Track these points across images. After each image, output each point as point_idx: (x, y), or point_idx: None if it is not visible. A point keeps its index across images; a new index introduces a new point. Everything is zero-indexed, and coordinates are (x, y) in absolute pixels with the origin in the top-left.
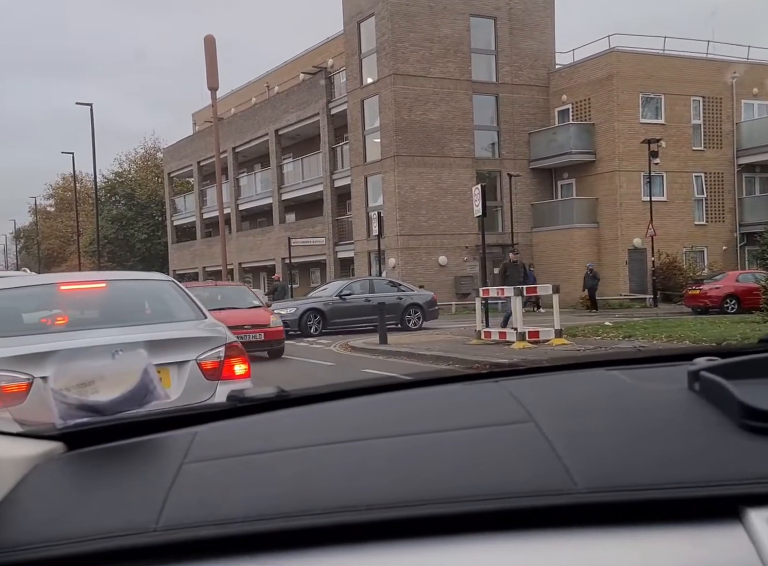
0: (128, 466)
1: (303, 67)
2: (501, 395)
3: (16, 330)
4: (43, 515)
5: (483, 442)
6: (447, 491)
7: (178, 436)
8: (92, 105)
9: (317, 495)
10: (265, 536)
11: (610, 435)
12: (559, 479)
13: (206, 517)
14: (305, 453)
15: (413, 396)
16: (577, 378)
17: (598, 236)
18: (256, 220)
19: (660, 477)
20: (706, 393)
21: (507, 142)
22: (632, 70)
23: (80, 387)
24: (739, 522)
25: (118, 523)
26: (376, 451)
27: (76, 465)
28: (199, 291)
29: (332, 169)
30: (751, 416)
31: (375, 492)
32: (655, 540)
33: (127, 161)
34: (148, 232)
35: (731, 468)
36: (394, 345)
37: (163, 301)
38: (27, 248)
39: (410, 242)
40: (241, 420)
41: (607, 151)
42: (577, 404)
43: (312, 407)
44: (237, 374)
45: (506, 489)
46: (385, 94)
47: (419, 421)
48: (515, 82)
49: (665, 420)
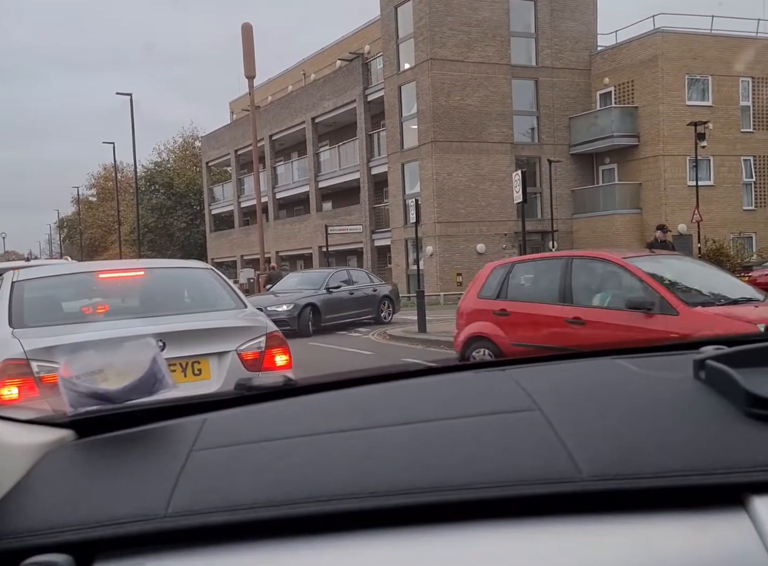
0: (138, 453)
1: (339, 54)
2: (507, 383)
3: (55, 320)
4: (54, 501)
5: (489, 430)
6: (453, 478)
7: (187, 424)
8: (132, 95)
9: (325, 482)
10: (273, 522)
11: (615, 423)
12: (564, 467)
13: (215, 503)
14: (313, 440)
15: (419, 384)
16: (583, 367)
17: (640, 222)
18: (293, 208)
19: (665, 465)
20: (712, 381)
21: (546, 127)
22: (678, 51)
23: (90, 376)
24: (743, 509)
25: (128, 509)
26: (382, 439)
27: (86, 452)
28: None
29: (369, 157)
30: (757, 404)
31: (382, 480)
32: (659, 528)
33: (166, 151)
34: (186, 221)
35: (736, 456)
36: (434, 334)
37: (202, 290)
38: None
39: (448, 229)
40: (249, 408)
41: (651, 134)
42: (582, 392)
43: (319, 395)
44: (278, 365)
45: (511, 477)
46: (422, 79)
47: (425, 409)
48: (555, 65)
49: (670, 409)
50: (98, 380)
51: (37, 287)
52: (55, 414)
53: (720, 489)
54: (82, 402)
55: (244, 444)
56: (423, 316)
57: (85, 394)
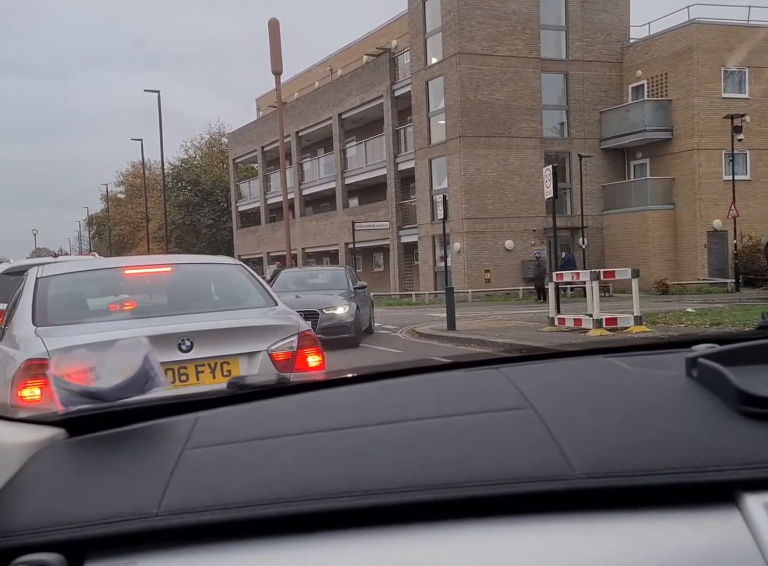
0: (130, 452)
1: (366, 49)
2: (500, 382)
3: (80, 318)
4: (45, 500)
5: (481, 428)
6: (445, 477)
7: (179, 422)
8: (159, 92)
9: (317, 480)
10: (265, 521)
11: (607, 421)
12: (557, 464)
13: (208, 502)
14: (305, 439)
15: (412, 383)
16: (575, 365)
17: (674, 218)
18: (319, 204)
19: (657, 463)
20: (704, 379)
21: (577, 122)
22: (714, 43)
23: (81, 374)
24: (735, 507)
25: (120, 508)
26: (375, 437)
27: (78, 450)
28: None
29: (396, 152)
30: (749, 402)
31: (374, 478)
32: (652, 525)
33: (193, 147)
34: (213, 218)
35: (728, 453)
36: (464, 332)
37: (231, 286)
38: (99, 234)
39: (476, 226)
40: (241, 406)
41: (685, 128)
42: (575, 390)
43: (312, 394)
44: (310, 366)
45: (504, 475)
46: (450, 74)
47: (418, 407)
48: (586, 58)
49: (663, 407)
50: (90, 378)
51: (61, 283)
52: (47, 413)
53: (712, 487)
54: (74, 400)
55: (236, 443)
56: (452, 314)
57: (76, 392)
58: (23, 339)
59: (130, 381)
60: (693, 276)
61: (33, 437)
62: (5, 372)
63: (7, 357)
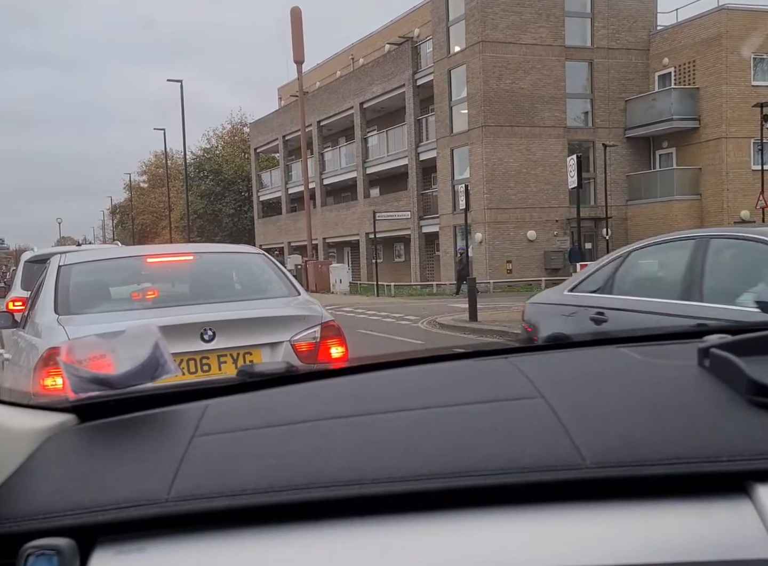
0: (140, 438)
1: (388, 38)
2: (510, 371)
3: (102, 306)
4: (56, 486)
5: (491, 417)
6: (454, 465)
7: (189, 410)
8: (182, 81)
9: (326, 468)
10: (274, 508)
11: (618, 410)
12: (568, 454)
13: (217, 489)
14: (314, 426)
15: (422, 371)
16: (586, 355)
17: (700, 209)
18: (340, 194)
19: (668, 453)
20: (716, 369)
21: (601, 111)
22: (743, 29)
23: (92, 361)
24: (747, 497)
25: (130, 494)
26: (384, 425)
27: (88, 437)
28: None
29: (417, 142)
30: (761, 392)
31: (383, 466)
32: (662, 515)
33: (215, 137)
34: (235, 207)
35: (739, 443)
36: (485, 323)
37: (253, 275)
38: (122, 223)
39: (498, 216)
40: (251, 394)
41: (712, 116)
42: (586, 380)
43: (321, 382)
44: (334, 357)
45: (514, 464)
46: (472, 62)
47: (427, 396)
48: (612, 46)
49: (674, 396)
50: (100, 365)
51: (84, 272)
52: (58, 399)
53: (723, 477)
54: (85, 387)
55: (246, 430)
56: (474, 304)
57: (87, 379)
58: (45, 328)
59: (140, 368)
60: None
61: (44, 423)
62: (28, 360)
63: (29, 345)
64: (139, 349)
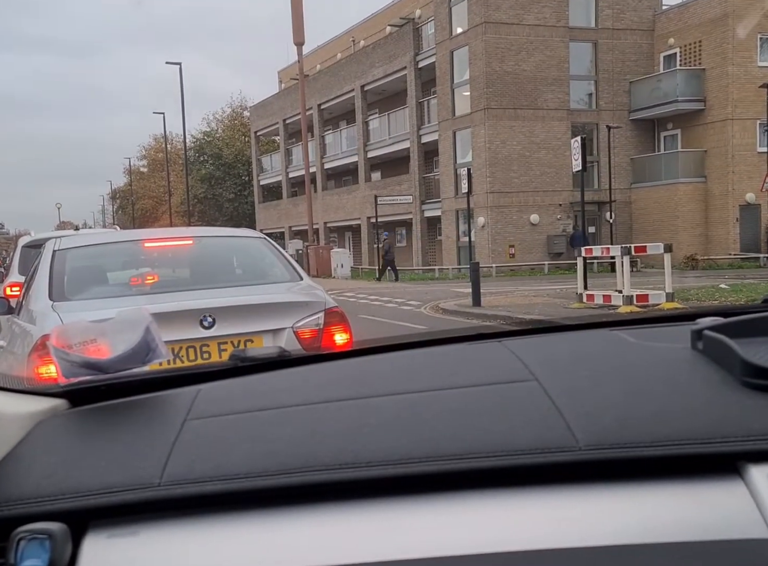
0: (132, 422)
1: (390, 20)
2: (504, 355)
3: (98, 292)
4: (47, 470)
5: (485, 400)
6: (449, 448)
7: (181, 394)
8: (181, 64)
9: (319, 451)
10: (267, 491)
11: (611, 393)
12: (561, 436)
13: (209, 472)
14: (307, 410)
15: (415, 355)
16: (580, 338)
17: (705, 191)
18: (341, 178)
19: (662, 434)
20: (709, 351)
21: (605, 92)
22: (750, 9)
23: (83, 345)
24: (739, 478)
25: (122, 478)
26: (377, 409)
27: (79, 421)
28: None
29: (419, 125)
30: (753, 374)
31: (376, 449)
32: (656, 496)
33: (215, 120)
34: (235, 192)
35: (732, 424)
36: (489, 308)
37: (254, 260)
38: (123, 208)
39: (500, 200)
40: (243, 378)
41: (718, 98)
42: (579, 363)
43: (313, 366)
44: (338, 343)
45: (508, 447)
46: (475, 44)
47: (421, 380)
48: (616, 26)
49: (667, 378)
50: (91, 350)
51: (79, 256)
52: (48, 384)
53: (717, 458)
54: (75, 371)
55: (238, 414)
56: (477, 289)
57: (78, 364)
58: (39, 315)
59: (131, 353)
60: (724, 251)
61: (35, 408)
62: (23, 347)
63: (24, 332)
64: (130, 334)
